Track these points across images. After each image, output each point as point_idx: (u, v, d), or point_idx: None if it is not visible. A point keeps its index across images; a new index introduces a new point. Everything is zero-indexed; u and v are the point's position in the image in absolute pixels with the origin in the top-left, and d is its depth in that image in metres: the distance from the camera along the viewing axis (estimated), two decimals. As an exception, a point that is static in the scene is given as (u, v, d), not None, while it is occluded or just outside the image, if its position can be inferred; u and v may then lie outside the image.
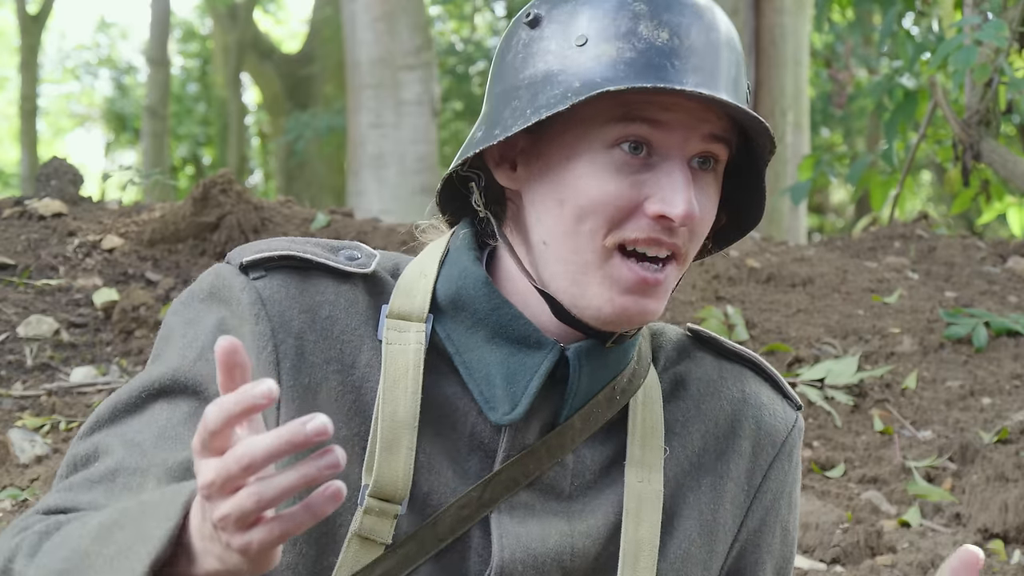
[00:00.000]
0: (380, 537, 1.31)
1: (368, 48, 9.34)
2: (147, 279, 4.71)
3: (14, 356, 4.14)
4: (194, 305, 1.36)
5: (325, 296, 1.34)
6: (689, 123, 1.30)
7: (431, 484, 1.33)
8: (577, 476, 1.38)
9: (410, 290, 1.36)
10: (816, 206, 17.77)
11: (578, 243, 1.31)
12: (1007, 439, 4.01)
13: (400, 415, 1.32)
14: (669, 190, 1.28)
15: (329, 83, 17.00)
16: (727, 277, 5.22)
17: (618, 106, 1.29)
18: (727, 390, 1.45)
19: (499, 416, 1.33)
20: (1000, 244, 6.20)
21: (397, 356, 1.33)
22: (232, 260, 1.36)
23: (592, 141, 1.30)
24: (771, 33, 9.42)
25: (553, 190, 1.32)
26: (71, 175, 5.43)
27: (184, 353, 1.33)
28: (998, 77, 5.70)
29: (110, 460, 1.29)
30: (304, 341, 1.32)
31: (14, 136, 22.81)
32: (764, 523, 1.47)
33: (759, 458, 1.45)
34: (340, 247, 1.38)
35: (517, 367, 1.34)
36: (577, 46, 1.30)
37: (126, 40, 32.04)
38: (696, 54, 1.29)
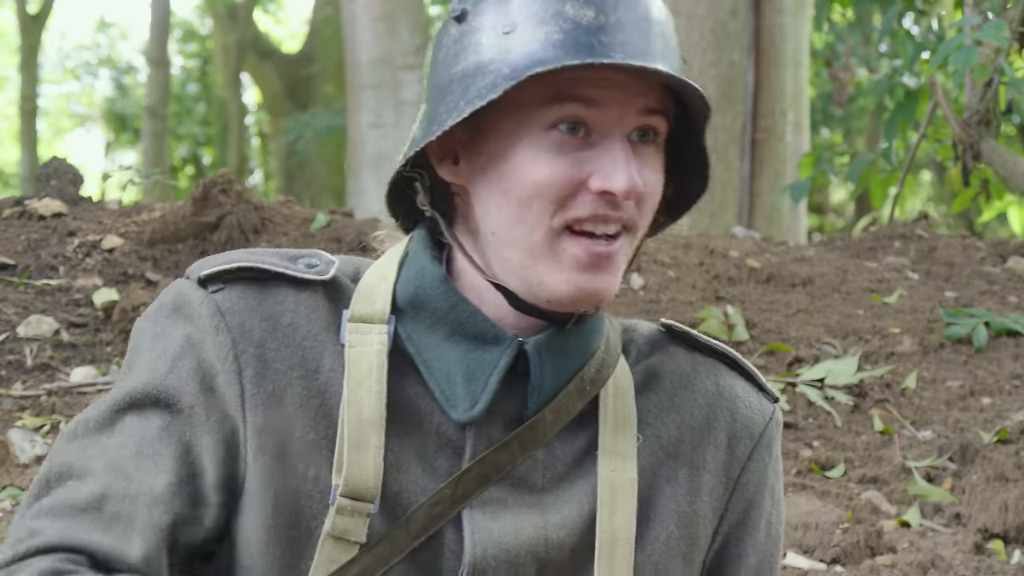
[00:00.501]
0: (354, 537, 1.32)
1: (368, 48, 9.35)
2: (147, 279, 4.71)
3: (14, 356, 4.14)
4: (160, 321, 1.37)
5: (285, 304, 1.36)
6: (623, 98, 1.31)
7: (401, 483, 1.34)
8: (549, 468, 1.39)
9: (370, 294, 1.38)
10: (816, 206, 17.77)
11: (526, 229, 1.32)
12: (1007, 439, 4.01)
13: (366, 414, 1.32)
14: (610, 166, 1.30)
15: (329, 83, 17.00)
16: (727, 277, 5.22)
17: (550, 87, 1.30)
18: (701, 382, 1.46)
19: (460, 414, 1.35)
20: (1000, 244, 6.20)
21: (360, 358, 1.34)
22: (190, 275, 1.38)
23: (529, 126, 1.31)
24: (771, 33, 9.42)
25: (496, 180, 1.33)
26: (71, 175, 5.43)
27: (155, 367, 1.34)
28: (998, 77, 5.70)
29: (93, 484, 1.29)
30: (266, 349, 1.33)
31: (14, 136, 22.82)
32: (747, 516, 1.46)
33: (736, 449, 1.45)
34: (299, 256, 1.40)
35: (476, 364, 1.35)
36: (504, 34, 1.31)
37: (126, 40, 32.04)
38: (623, 28, 1.30)
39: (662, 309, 4.80)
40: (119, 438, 1.31)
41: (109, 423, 1.33)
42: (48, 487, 1.30)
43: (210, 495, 1.31)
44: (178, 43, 23.23)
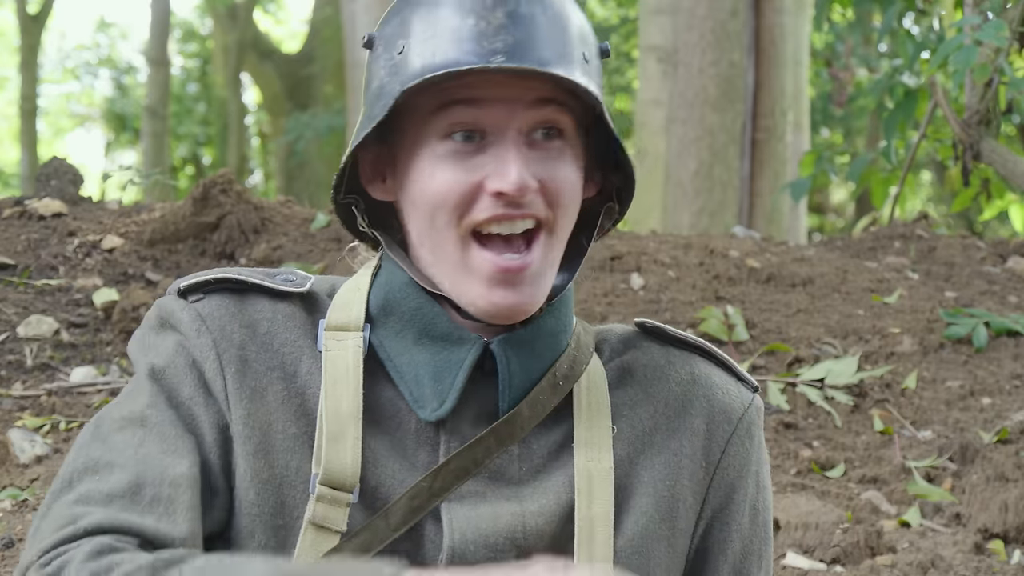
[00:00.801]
0: (335, 525, 1.36)
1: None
2: (147, 279, 4.71)
3: (14, 356, 4.14)
4: (148, 337, 1.43)
5: (262, 313, 1.41)
6: (509, 94, 1.34)
7: (379, 477, 1.38)
8: (525, 461, 1.42)
9: (346, 303, 1.43)
10: (816, 206, 17.77)
11: (437, 239, 1.37)
12: (1007, 439, 4.01)
13: (343, 409, 1.37)
14: (501, 166, 1.33)
15: (329, 83, 17.00)
16: (727, 277, 5.22)
17: (438, 95, 1.34)
18: (675, 372, 1.48)
19: (428, 413, 1.39)
20: (1000, 244, 6.20)
21: (336, 359, 1.39)
22: (170, 290, 1.44)
23: (425, 136, 1.36)
24: (771, 33, 9.42)
25: (409, 192, 1.38)
26: (71, 175, 5.43)
27: (153, 368, 1.40)
28: (998, 77, 5.70)
29: (122, 473, 1.32)
30: (246, 351, 1.39)
31: (14, 136, 22.81)
32: (729, 500, 1.48)
33: (715, 435, 1.47)
34: (276, 273, 1.46)
35: (443, 364, 1.39)
36: (398, 55, 1.36)
37: (126, 40, 32.04)
38: (505, 31, 1.32)
39: (662, 309, 4.80)
40: (136, 431, 1.35)
41: (124, 421, 1.36)
42: (73, 482, 1.33)
43: (219, 484, 1.36)
44: (178, 43, 23.23)
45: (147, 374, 1.39)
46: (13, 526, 3.02)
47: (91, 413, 3.83)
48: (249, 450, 1.36)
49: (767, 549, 1.53)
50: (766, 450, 1.54)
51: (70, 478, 1.34)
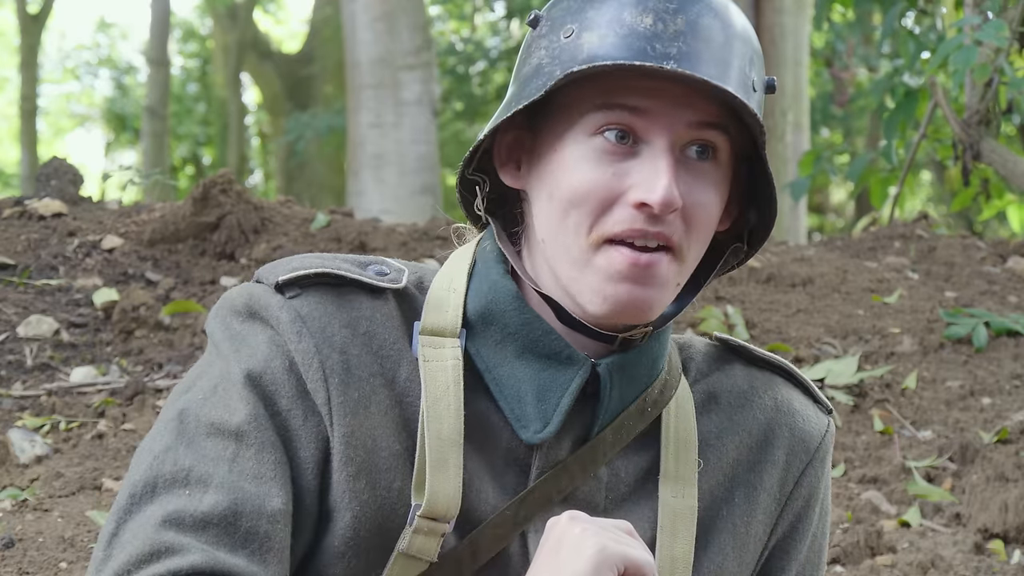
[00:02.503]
0: (426, 556, 1.30)
1: (368, 48, 9.34)
2: (147, 279, 4.70)
3: (14, 356, 4.14)
4: (233, 325, 1.33)
5: (362, 312, 1.33)
6: (672, 108, 1.28)
7: (471, 501, 1.31)
8: (612, 490, 1.37)
9: (440, 305, 1.35)
10: (816, 206, 17.77)
11: (566, 238, 1.30)
12: (1007, 439, 4.01)
13: (446, 433, 1.30)
14: (650, 178, 1.26)
15: (329, 83, 17.00)
16: (727, 277, 5.22)
17: (600, 93, 1.28)
18: (759, 399, 1.43)
19: (530, 435, 1.32)
20: (1000, 244, 6.20)
21: (436, 373, 1.31)
22: (264, 279, 1.34)
23: (576, 129, 1.29)
24: (771, 33, 9.42)
25: (545, 184, 1.32)
26: (71, 175, 5.43)
27: (249, 364, 1.30)
28: (998, 77, 5.70)
29: (217, 495, 1.23)
30: (348, 355, 1.30)
31: (14, 136, 22.80)
32: (794, 528, 1.45)
33: (792, 466, 1.43)
34: (368, 262, 1.37)
35: (548, 383, 1.32)
36: (565, 38, 1.30)
37: (126, 40, 32.01)
38: (681, 38, 1.27)
39: (662, 309, 4.80)
40: (229, 444, 1.26)
41: (215, 428, 1.27)
42: (158, 489, 1.24)
43: (312, 506, 1.29)
44: (178, 43, 23.22)
45: (244, 376, 1.28)
46: (13, 526, 3.02)
47: (91, 413, 3.83)
48: (351, 471, 1.28)
49: (820, 572, 1.50)
50: (830, 474, 1.50)
51: (154, 482, 1.24)
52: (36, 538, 2.93)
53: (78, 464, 3.45)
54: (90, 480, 3.34)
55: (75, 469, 3.40)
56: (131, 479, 1.27)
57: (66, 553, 2.87)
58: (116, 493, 3.25)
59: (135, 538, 1.21)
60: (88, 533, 2.98)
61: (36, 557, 2.84)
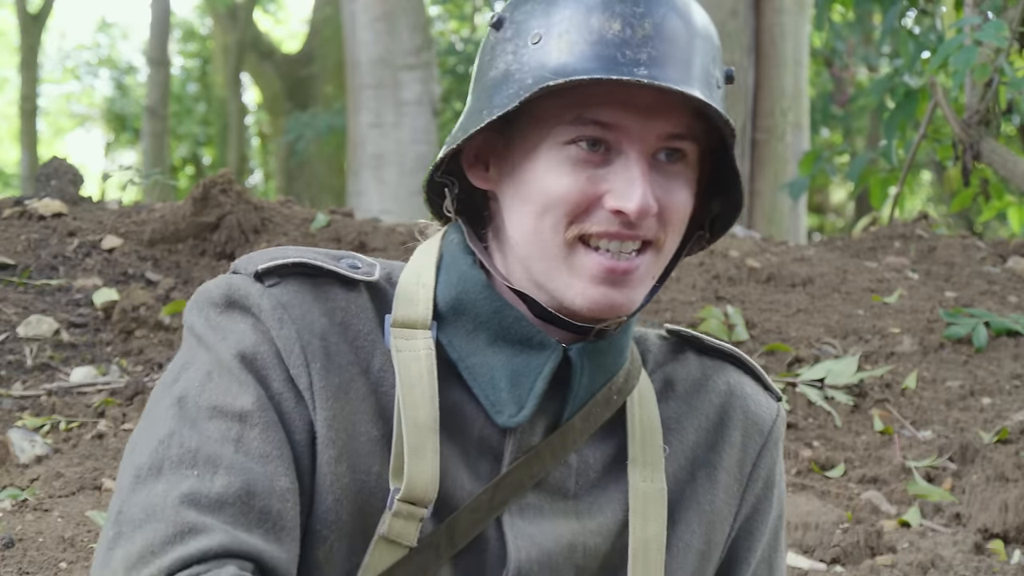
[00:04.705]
0: (405, 540, 1.32)
1: (368, 48, 9.34)
2: (147, 279, 4.70)
3: (14, 356, 4.14)
4: (213, 316, 1.34)
5: (337, 302, 1.35)
6: (644, 120, 1.30)
7: (448, 487, 1.34)
8: (581, 475, 1.40)
9: (411, 298, 1.37)
10: (816, 206, 17.77)
11: (542, 239, 1.33)
12: (1007, 439, 4.01)
13: (421, 419, 1.32)
14: (625, 185, 1.29)
15: (329, 83, 17.00)
16: (727, 277, 5.22)
17: (573, 107, 1.30)
18: (713, 384, 1.48)
19: (505, 419, 1.35)
20: (1000, 244, 6.20)
21: (410, 363, 1.34)
22: (242, 270, 1.36)
23: (550, 138, 1.32)
24: (771, 33, 9.41)
25: (518, 188, 1.34)
26: (71, 175, 5.42)
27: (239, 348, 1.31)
28: (998, 77, 5.70)
29: (229, 476, 1.25)
30: (328, 343, 1.33)
31: (14, 136, 22.81)
32: (756, 511, 1.50)
33: (748, 447, 1.48)
34: (341, 256, 1.39)
35: (521, 369, 1.35)
36: (532, 44, 1.32)
37: (126, 40, 32.03)
38: (651, 44, 1.29)
39: (662, 309, 4.80)
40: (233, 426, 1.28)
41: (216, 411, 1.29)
42: (164, 470, 1.25)
43: (306, 488, 1.31)
44: (178, 43, 23.23)
45: (236, 360, 1.30)
46: (13, 526, 3.02)
47: (91, 413, 3.83)
48: (333, 454, 1.31)
49: (780, 555, 1.54)
50: (783, 461, 1.55)
51: (160, 463, 1.26)
52: (36, 538, 2.93)
53: (78, 464, 3.45)
54: (90, 480, 3.34)
55: (75, 469, 3.40)
56: (135, 462, 1.28)
57: (66, 553, 2.87)
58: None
59: (153, 517, 1.23)
60: (88, 533, 2.98)
61: (36, 557, 2.84)
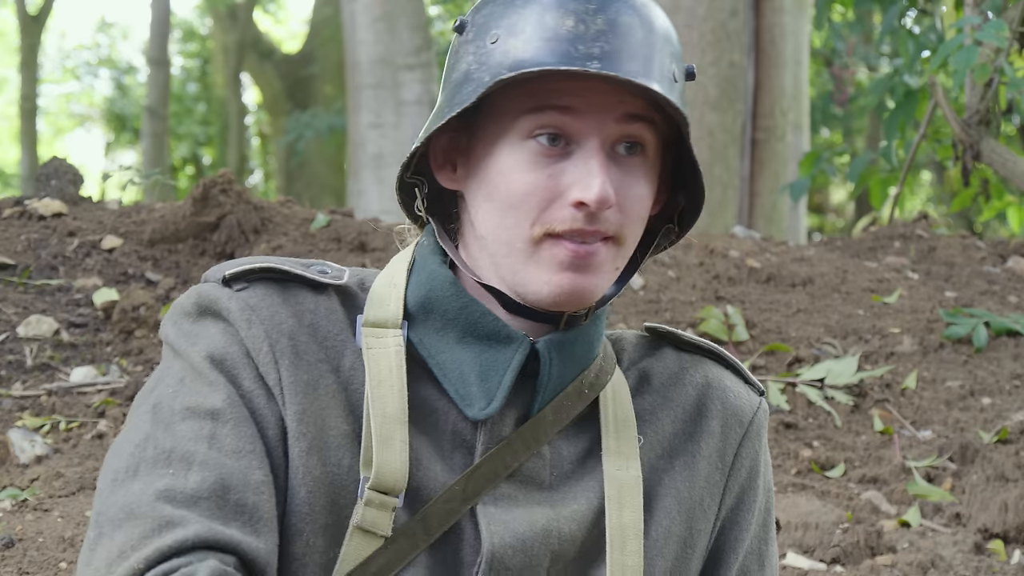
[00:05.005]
0: (380, 530, 1.35)
1: (368, 48, 9.34)
2: (147, 279, 4.71)
3: (14, 356, 4.14)
4: (186, 324, 1.39)
5: (305, 304, 1.40)
6: (601, 105, 1.34)
7: (420, 479, 1.37)
8: (555, 467, 1.43)
9: (382, 299, 1.42)
10: (816, 206, 17.78)
11: (508, 234, 1.36)
12: (1007, 439, 4.01)
13: (390, 411, 1.36)
14: (584, 175, 1.33)
15: (329, 83, 17.00)
16: (727, 277, 5.22)
17: (529, 97, 1.34)
18: (690, 377, 1.51)
19: (476, 412, 1.38)
20: (1000, 244, 6.20)
21: (380, 358, 1.38)
22: (211, 278, 1.41)
23: (510, 134, 1.35)
24: (771, 33, 9.42)
25: (482, 185, 1.38)
26: (71, 175, 5.43)
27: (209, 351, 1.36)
28: (998, 77, 5.70)
29: (203, 471, 1.28)
30: (296, 341, 1.37)
31: (14, 136, 22.81)
32: (740, 501, 1.51)
33: (729, 437, 1.50)
34: (310, 264, 1.44)
35: (489, 363, 1.39)
36: (491, 44, 1.36)
37: (126, 40, 32.03)
38: (603, 37, 1.33)
39: (662, 309, 4.80)
40: (205, 424, 1.32)
41: (189, 412, 1.33)
42: (140, 471, 1.29)
43: (280, 482, 1.34)
44: (178, 43, 23.23)
45: (206, 362, 1.35)
46: (13, 526, 3.02)
47: (91, 413, 3.83)
48: (303, 447, 1.34)
49: (770, 548, 1.56)
50: (769, 454, 1.57)
51: (136, 465, 1.30)
52: (36, 538, 2.93)
53: (78, 464, 3.46)
54: (90, 480, 3.34)
55: (75, 469, 3.40)
56: (112, 467, 1.31)
57: (66, 553, 2.87)
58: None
59: (131, 516, 1.26)
60: (88, 533, 2.98)
61: (36, 557, 2.84)
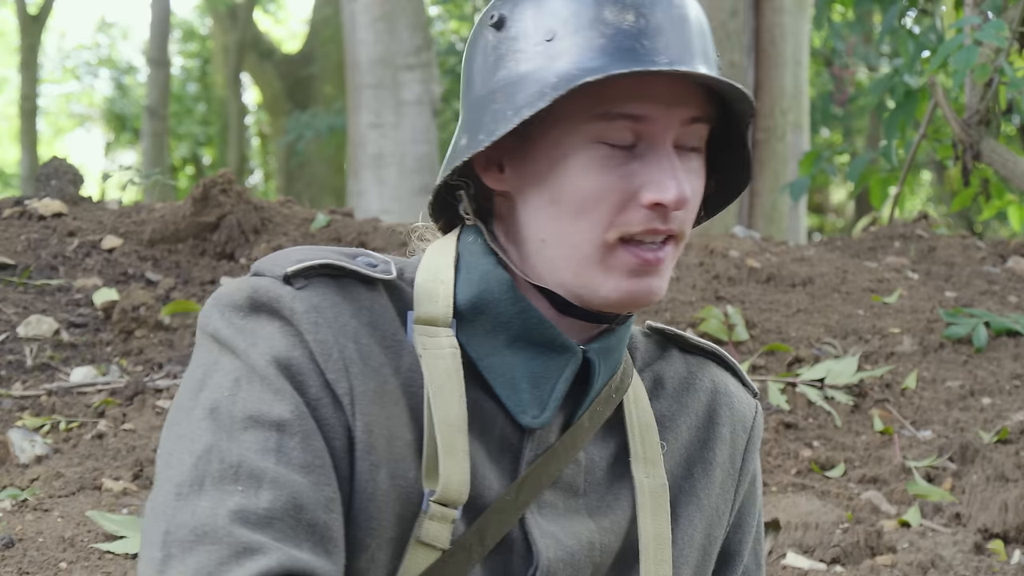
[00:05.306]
0: (439, 543, 1.31)
1: (368, 48, 9.34)
2: (147, 279, 4.71)
3: (14, 356, 4.14)
4: (237, 320, 1.30)
5: (363, 302, 1.33)
6: (669, 109, 1.31)
7: (476, 488, 1.33)
8: (589, 473, 1.41)
9: (431, 296, 1.36)
10: (816, 206, 17.78)
11: (578, 238, 1.33)
12: (1007, 439, 4.01)
13: (452, 419, 1.31)
14: (660, 178, 1.31)
15: (329, 83, 17.00)
16: (727, 277, 5.22)
17: (598, 102, 1.30)
18: (699, 382, 1.50)
19: (529, 419, 1.35)
20: (1000, 244, 6.20)
21: (436, 361, 1.33)
22: (267, 272, 1.32)
23: (578, 136, 1.32)
24: (771, 33, 9.42)
25: (545, 188, 1.34)
26: (71, 175, 5.43)
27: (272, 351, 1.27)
28: (998, 77, 5.71)
29: (274, 489, 1.21)
30: (361, 344, 1.30)
31: (14, 136, 22.81)
32: (744, 505, 1.53)
33: (736, 443, 1.51)
34: (355, 254, 1.37)
35: (542, 370, 1.36)
36: (546, 41, 1.31)
37: (126, 40, 32.05)
38: (664, 31, 1.30)
39: (662, 309, 4.80)
40: (271, 435, 1.24)
41: (252, 421, 1.25)
42: (206, 484, 1.21)
43: (347, 497, 1.28)
44: (178, 43, 23.23)
45: (271, 366, 1.26)
46: (13, 526, 3.02)
47: (91, 413, 3.83)
48: (373, 460, 1.28)
49: (762, 546, 1.58)
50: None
51: (200, 477, 1.21)
52: (36, 538, 2.93)
53: (78, 464, 3.46)
54: (90, 480, 3.34)
55: (75, 469, 3.40)
56: (173, 479, 1.23)
57: (66, 553, 2.87)
58: (116, 493, 3.26)
59: (204, 538, 1.18)
60: (88, 533, 2.98)
61: (36, 557, 2.84)
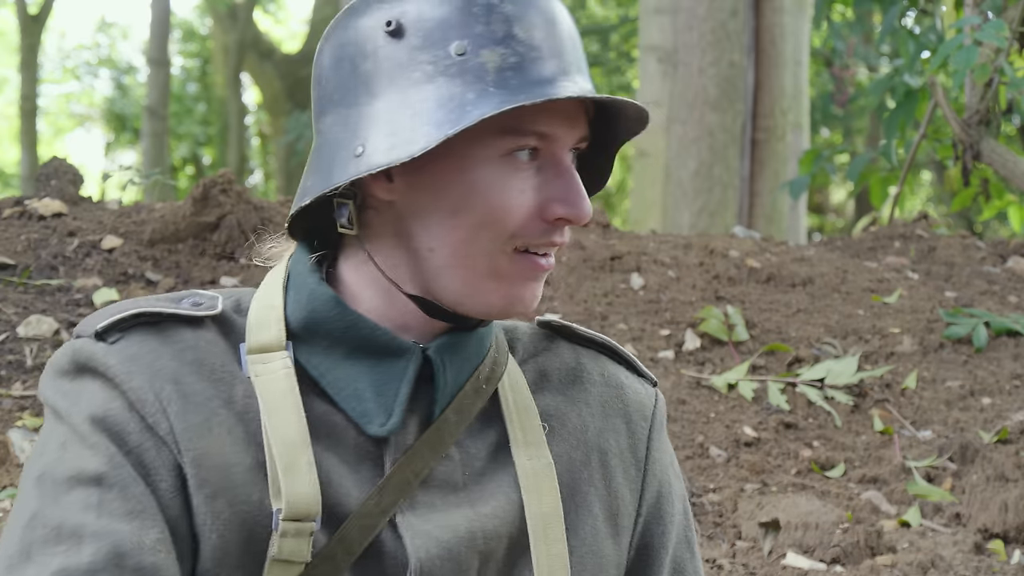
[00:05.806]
0: (299, 557, 1.31)
1: (368, 48, 9.34)
2: (147, 279, 4.71)
3: (14, 356, 4.14)
4: (63, 384, 1.33)
5: (185, 343, 1.34)
6: (568, 125, 1.35)
7: (333, 498, 1.34)
8: (467, 466, 1.41)
9: (262, 323, 1.37)
10: (816, 206, 17.78)
11: (476, 249, 1.33)
12: (1007, 439, 4.02)
13: (290, 436, 1.32)
14: (568, 194, 1.34)
15: (329, 83, 16.98)
16: (727, 277, 5.22)
17: (509, 116, 1.30)
18: (588, 374, 1.50)
19: (376, 428, 1.35)
20: (1000, 244, 6.20)
21: (270, 384, 1.34)
22: (84, 333, 1.35)
23: (485, 150, 1.32)
24: (771, 33, 9.42)
25: (444, 199, 1.33)
26: (71, 175, 5.43)
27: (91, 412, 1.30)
28: (998, 77, 5.71)
29: (96, 541, 1.23)
30: (182, 384, 1.32)
31: (14, 136, 22.82)
32: (660, 495, 1.52)
33: (636, 433, 1.50)
34: (181, 297, 1.39)
35: (384, 377, 1.36)
36: (457, 55, 1.30)
37: (126, 40, 32.05)
38: (565, 50, 1.34)
39: (662, 309, 4.80)
40: (93, 492, 1.26)
41: (74, 481, 1.27)
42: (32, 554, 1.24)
43: (184, 531, 1.29)
44: (178, 43, 23.24)
45: (87, 424, 1.29)
46: (13, 526, 3.02)
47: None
48: (208, 492, 1.29)
49: (694, 534, 1.58)
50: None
51: (28, 548, 1.24)
52: (36, 538, 2.94)
53: (78, 464, 3.46)
54: (90, 480, 3.34)
55: (75, 469, 3.41)
56: (5, 553, 1.26)
57: (66, 553, 2.87)
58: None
59: None
60: (88, 533, 2.98)
61: (36, 557, 2.84)
